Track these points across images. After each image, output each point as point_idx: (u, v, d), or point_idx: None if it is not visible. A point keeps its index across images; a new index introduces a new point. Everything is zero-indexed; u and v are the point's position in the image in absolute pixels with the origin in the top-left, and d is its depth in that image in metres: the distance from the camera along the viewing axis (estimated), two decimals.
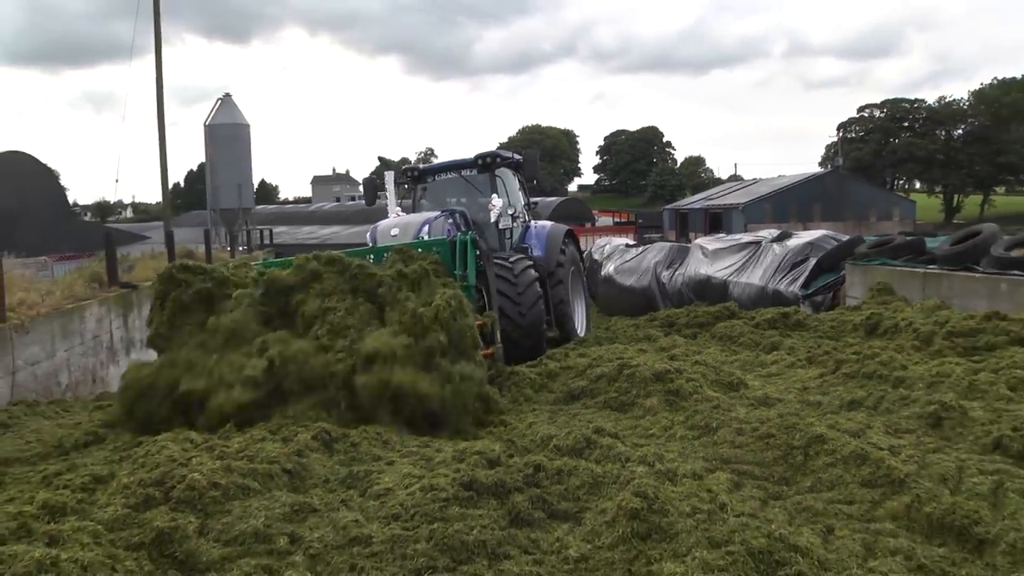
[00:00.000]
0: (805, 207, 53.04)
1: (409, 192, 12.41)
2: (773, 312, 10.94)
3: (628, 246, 19.00)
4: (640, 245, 19.69)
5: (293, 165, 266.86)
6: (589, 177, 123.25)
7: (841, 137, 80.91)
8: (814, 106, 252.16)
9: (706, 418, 5.85)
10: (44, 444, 6.22)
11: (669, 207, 68.42)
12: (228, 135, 34.35)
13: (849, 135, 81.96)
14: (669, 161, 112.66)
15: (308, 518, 4.06)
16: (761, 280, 14.14)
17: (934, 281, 10.53)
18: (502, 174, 11.69)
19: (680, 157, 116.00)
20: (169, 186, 26.83)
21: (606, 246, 19.46)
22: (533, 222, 12.27)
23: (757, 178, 71.24)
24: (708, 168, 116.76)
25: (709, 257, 15.92)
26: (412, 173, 12.14)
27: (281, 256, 14.60)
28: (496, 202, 10.95)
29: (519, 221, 11.68)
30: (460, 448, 5.03)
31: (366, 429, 5.63)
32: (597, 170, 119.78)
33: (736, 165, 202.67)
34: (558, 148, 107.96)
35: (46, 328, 9.62)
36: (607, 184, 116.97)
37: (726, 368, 7.80)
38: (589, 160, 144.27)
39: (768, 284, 13.94)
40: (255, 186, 41.76)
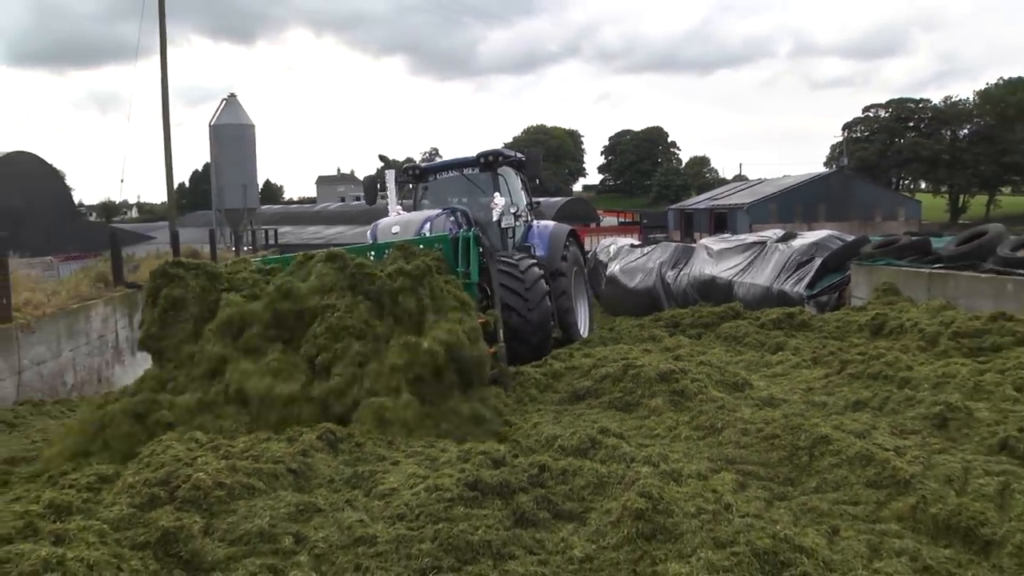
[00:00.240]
0: (810, 207, 53.04)
1: (410, 191, 12.25)
2: (778, 312, 10.93)
3: (633, 246, 18.99)
4: (645, 245, 19.70)
5: (298, 165, 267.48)
6: (594, 177, 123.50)
7: (846, 137, 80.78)
8: (819, 106, 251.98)
9: (711, 418, 5.84)
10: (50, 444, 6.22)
11: (674, 207, 68.45)
12: (233, 135, 34.47)
13: (854, 135, 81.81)
14: (674, 161, 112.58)
15: (313, 518, 4.06)
16: (766, 280, 14.13)
17: (940, 281, 10.51)
18: (504, 173, 11.53)
19: (685, 157, 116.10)
20: (174, 186, 26.85)
21: (611, 246, 19.44)
22: (535, 222, 12.13)
23: (762, 178, 71.16)
24: (713, 168, 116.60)
25: (714, 257, 15.91)
26: (413, 172, 11.95)
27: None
28: (498, 201, 10.79)
29: (521, 220, 11.54)
30: (465, 448, 5.03)
31: (371, 429, 5.62)
32: (602, 170, 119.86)
33: (741, 165, 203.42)
34: (563, 148, 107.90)
35: (52, 328, 9.65)
36: (612, 184, 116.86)
37: (731, 368, 7.79)
38: (594, 160, 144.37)
39: (773, 284, 13.92)
40: (260, 186, 41.83)
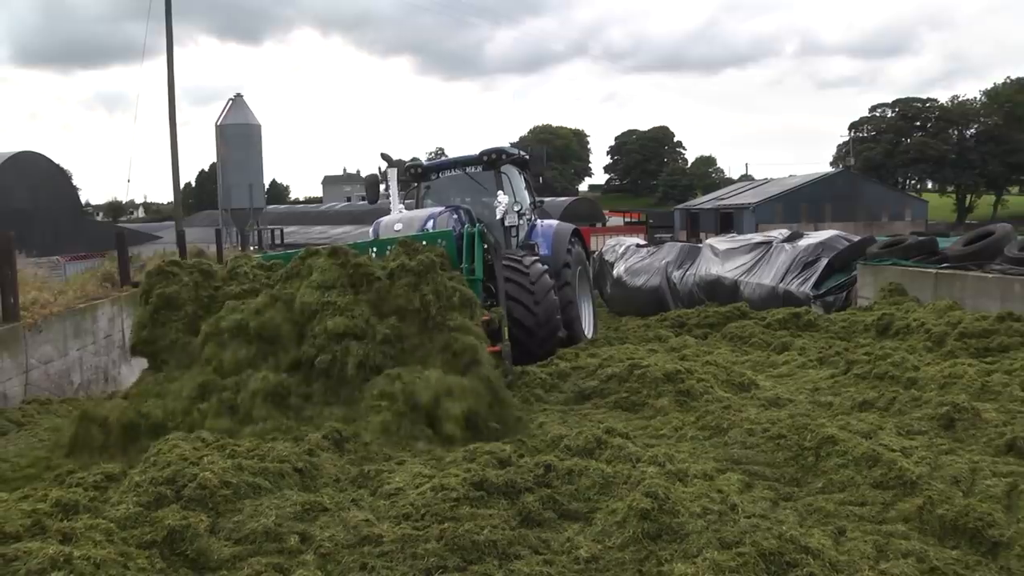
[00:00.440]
0: (816, 207, 52.85)
1: (413, 190, 12.08)
2: (784, 312, 10.90)
3: (639, 246, 18.95)
4: (651, 245, 19.67)
5: (304, 165, 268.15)
6: (600, 177, 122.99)
7: (853, 137, 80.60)
8: (826, 106, 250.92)
9: (717, 419, 5.83)
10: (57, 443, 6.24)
11: (680, 207, 68.25)
12: (239, 135, 34.56)
13: (861, 135, 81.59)
14: (680, 161, 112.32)
15: (319, 517, 4.06)
16: (772, 280, 14.11)
17: (946, 282, 10.47)
18: (507, 171, 11.38)
19: (691, 157, 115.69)
20: (181, 186, 26.95)
21: (617, 246, 19.42)
22: (539, 221, 12.00)
23: (768, 178, 70.96)
24: (719, 168, 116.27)
25: (720, 257, 15.89)
26: (416, 170, 11.78)
27: None
28: (502, 199, 10.67)
29: (525, 219, 11.41)
30: (471, 448, 5.03)
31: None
32: (608, 170, 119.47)
33: (747, 165, 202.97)
34: (569, 148, 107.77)
35: (59, 327, 9.68)
36: (618, 184, 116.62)
37: (737, 368, 7.78)
38: (600, 160, 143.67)
39: (779, 284, 13.91)
40: (266, 186, 41.96)
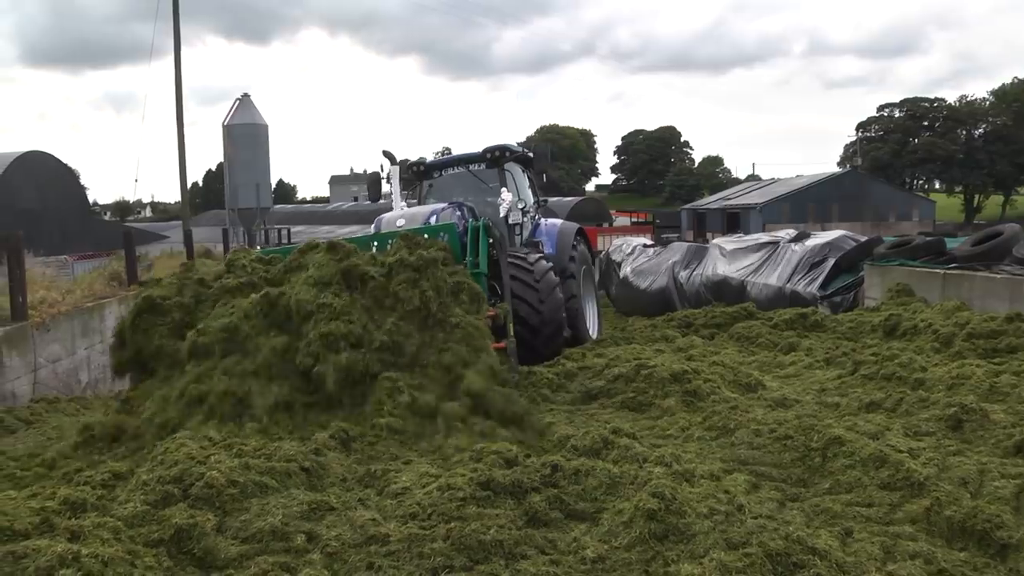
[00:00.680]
0: (823, 207, 52.72)
1: (415, 189, 11.96)
2: (791, 313, 10.88)
3: (646, 246, 18.93)
4: (658, 245, 19.65)
5: (311, 165, 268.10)
6: (607, 177, 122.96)
7: (860, 137, 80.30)
8: (833, 105, 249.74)
9: (724, 419, 5.82)
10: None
11: (687, 207, 68.18)
12: (246, 135, 34.63)
13: (868, 135, 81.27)
14: (687, 161, 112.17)
15: (325, 516, 4.07)
16: (779, 280, 14.08)
17: (954, 282, 10.43)
18: (511, 168, 11.27)
19: (698, 157, 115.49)
20: (188, 186, 27.03)
21: (624, 246, 19.40)
22: (543, 220, 11.85)
23: (775, 178, 70.77)
24: (726, 168, 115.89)
25: (727, 257, 15.86)
26: (418, 168, 11.67)
27: None
28: (505, 196, 10.53)
29: (529, 217, 11.26)
30: (477, 447, 5.03)
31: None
32: (615, 170, 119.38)
33: (754, 165, 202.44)
34: (576, 148, 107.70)
35: (67, 326, 9.72)
36: (624, 184, 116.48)
37: (744, 369, 7.77)
38: (607, 160, 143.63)
39: (786, 285, 13.88)
40: (273, 186, 42.04)
